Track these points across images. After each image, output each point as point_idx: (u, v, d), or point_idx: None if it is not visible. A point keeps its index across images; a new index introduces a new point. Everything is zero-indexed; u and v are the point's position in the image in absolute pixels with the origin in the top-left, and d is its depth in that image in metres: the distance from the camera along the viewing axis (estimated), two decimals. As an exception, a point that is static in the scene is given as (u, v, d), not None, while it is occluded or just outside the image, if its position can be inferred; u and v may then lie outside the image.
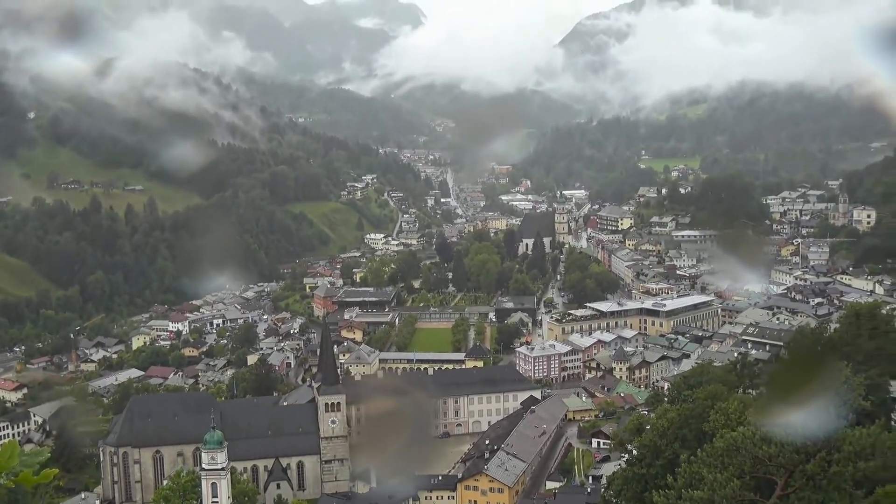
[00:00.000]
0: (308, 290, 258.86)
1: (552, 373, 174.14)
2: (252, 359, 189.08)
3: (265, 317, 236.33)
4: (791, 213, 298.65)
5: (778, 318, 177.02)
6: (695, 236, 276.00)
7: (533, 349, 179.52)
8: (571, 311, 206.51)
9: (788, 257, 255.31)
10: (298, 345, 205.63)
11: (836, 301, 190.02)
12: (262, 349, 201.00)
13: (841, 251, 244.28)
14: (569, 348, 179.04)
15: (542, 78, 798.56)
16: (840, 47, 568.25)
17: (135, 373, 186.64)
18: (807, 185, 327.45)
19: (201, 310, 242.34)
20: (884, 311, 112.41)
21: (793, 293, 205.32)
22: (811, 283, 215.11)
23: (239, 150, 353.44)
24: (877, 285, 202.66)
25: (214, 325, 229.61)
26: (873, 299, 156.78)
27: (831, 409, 52.83)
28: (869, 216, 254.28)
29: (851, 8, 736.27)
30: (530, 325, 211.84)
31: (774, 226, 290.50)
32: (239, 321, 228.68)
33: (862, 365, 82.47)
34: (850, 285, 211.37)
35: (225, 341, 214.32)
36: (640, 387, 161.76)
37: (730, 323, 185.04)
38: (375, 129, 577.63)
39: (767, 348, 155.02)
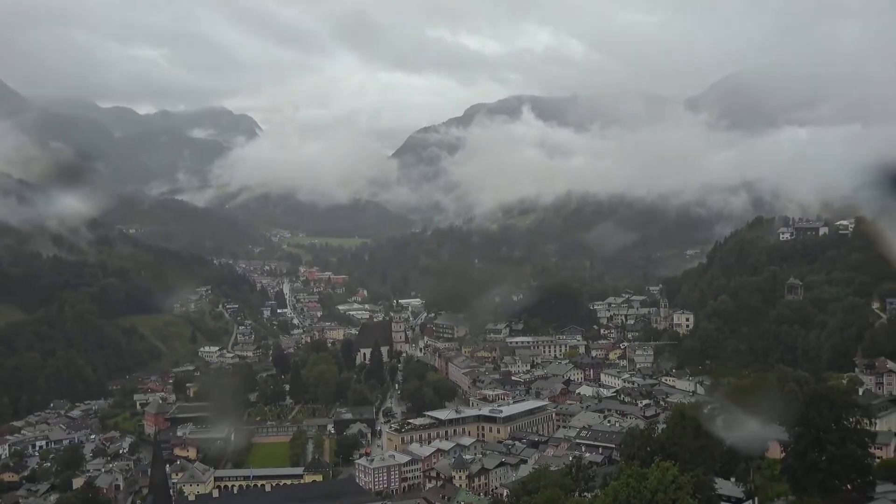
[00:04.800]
0: (139, 406, 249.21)
1: (392, 484, 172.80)
2: (78, 482, 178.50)
3: (92, 437, 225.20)
4: (617, 317, 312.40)
5: (609, 421, 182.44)
6: (528, 342, 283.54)
7: (373, 460, 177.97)
8: (410, 421, 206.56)
9: (616, 361, 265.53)
10: (128, 465, 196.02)
11: (661, 402, 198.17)
12: (89, 471, 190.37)
13: (664, 354, 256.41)
14: (408, 458, 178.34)
15: (376, 189, 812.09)
16: (652, 161, 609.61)
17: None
18: (630, 291, 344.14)
19: (23, 431, 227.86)
20: (705, 411, 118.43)
21: (622, 395, 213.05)
22: (638, 385, 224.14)
23: (66, 262, 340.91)
24: (698, 386, 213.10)
25: (37, 448, 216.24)
26: (695, 399, 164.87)
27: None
28: (688, 320, 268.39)
29: (661, 124, 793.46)
30: (370, 435, 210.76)
31: (602, 330, 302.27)
32: (64, 442, 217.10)
33: (688, 464, 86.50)
34: (674, 386, 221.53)
35: (49, 464, 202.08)
36: (479, 494, 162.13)
37: (564, 427, 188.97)
38: (210, 239, 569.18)
39: (600, 450, 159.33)
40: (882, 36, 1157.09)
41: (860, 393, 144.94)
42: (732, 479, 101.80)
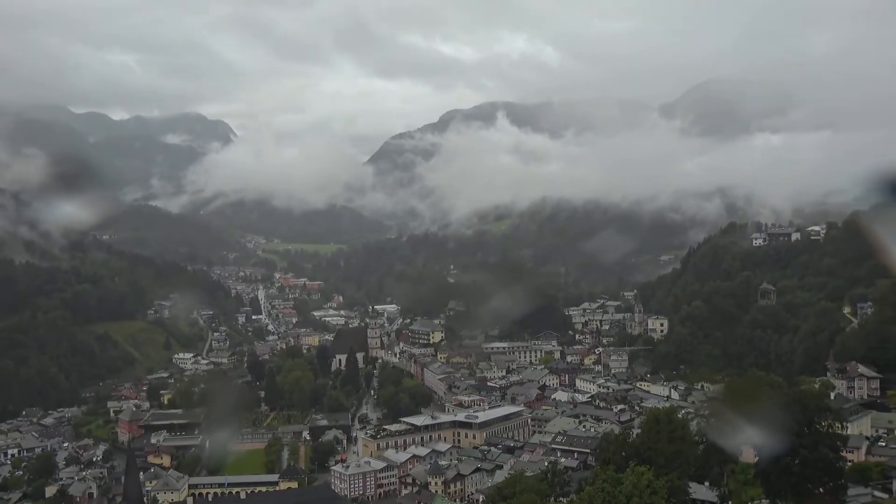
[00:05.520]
0: (112, 414, 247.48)
1: (368, 490, 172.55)
2: (51, 490, 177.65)
3: (65, 444, 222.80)
4: (592, 322, 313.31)
5: (584, 426, 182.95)
6: (503, 348, 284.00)
7: (348, 467, 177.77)
8: (386, 427, 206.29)
9: (591, 366, 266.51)
10: (102, 473, 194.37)
11: (636, 407, 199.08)
12: (62, 479, 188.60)
13: (639, 359, 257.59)
14: (384, 464, 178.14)
15: (352, 194, 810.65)
16: (627, 166, 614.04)
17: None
18: (605, 297, 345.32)
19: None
20: (679, 416, 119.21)
21: (597, 401, 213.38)
22: (613, 390, 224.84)
23: (38, 268, 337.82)
24: (672, 391, 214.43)
25: (9, 456, 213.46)
26: (669, 404, 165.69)
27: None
28: (662, 325, 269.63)
29: (635, 130, 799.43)
30: (345, 442, 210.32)
31: (577, 336, 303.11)
32: (36, 450, 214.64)
33: (663, 468, 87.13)
34: (648, 391, 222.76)
35: (21, 472, 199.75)
36: (455, 500, 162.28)
37: (539, 432, 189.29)
38: (184, 245, 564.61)
39: (576, 456, 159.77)
40: (853, 43, 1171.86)
41: (832, 397, 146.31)
42: (706, 484, 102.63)
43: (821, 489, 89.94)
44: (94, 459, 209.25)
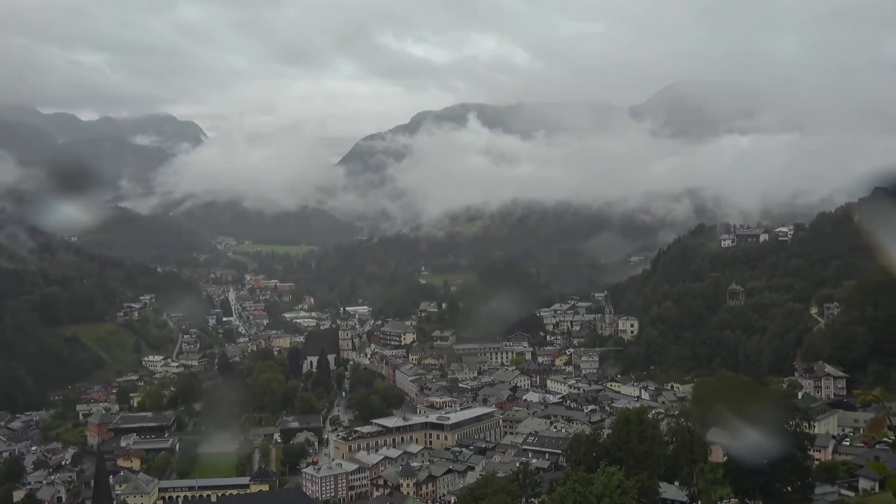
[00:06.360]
0: (81, 417, 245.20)
1: (340, 492, 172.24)
2: (18, 495, 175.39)
3: (34, 448, 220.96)
4: (563, 324, 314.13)
5: (555, 427, 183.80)
6: (475, 349, 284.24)
7: (320, 469, 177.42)
8: (357, 429, 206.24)
9: (562, 367, 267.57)
10: (71, 477, 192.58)
11: (607, 407, 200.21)
12: (30, 484, 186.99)
13: (609, 360, 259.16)
14: (356, 466, 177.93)
15: (323, 196, 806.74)
16: (597, 168, 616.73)
17: None
18: (576, 298, 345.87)
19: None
20: (650, 416, 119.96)
21: (568, 401, 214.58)
22: (584, 390, 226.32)
23: (5, 270, 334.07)
24: (642, 391, 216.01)
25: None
26: (640, 404, 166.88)
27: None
28: (632, 326, 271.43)
29: (605, 132, 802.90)
30: (317, 444, 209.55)
31: (548, 337, 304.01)
32: (4, 454, 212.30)
33: (633, 468, 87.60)
34: (619, 392, 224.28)
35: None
36: (427, 502, 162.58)
37: (511, 433, 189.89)
38: (154, 247, 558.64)
39: (547, 456, 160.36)
40: (819, 47, 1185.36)
41: (799, 396, 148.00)
42: (676, 483, 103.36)
43: (788, 488, 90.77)
44: (63, 463, 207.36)
